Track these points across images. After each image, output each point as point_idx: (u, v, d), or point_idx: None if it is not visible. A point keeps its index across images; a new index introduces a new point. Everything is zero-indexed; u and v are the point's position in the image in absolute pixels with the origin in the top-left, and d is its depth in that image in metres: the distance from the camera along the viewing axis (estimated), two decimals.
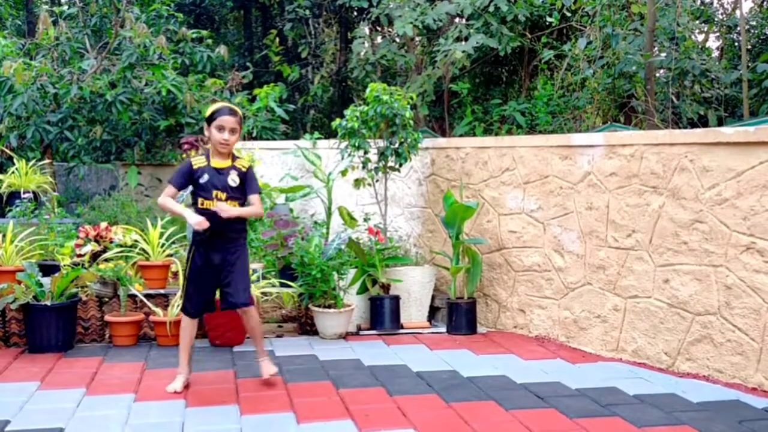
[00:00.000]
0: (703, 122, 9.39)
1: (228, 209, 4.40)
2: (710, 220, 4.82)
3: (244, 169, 4.57)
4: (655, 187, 5.16)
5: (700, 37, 11.60)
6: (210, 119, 4.48)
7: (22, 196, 7.18)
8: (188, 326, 4.66)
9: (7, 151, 8.15)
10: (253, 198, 4.55)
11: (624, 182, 5.39)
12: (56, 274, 5.65)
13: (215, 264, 4.54)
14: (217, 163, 4.52)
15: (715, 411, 4.19)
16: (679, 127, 8.88)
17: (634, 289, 5.33)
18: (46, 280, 5.65)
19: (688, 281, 4.96)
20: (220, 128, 4.46)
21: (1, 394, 4.43)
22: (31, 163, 7.54)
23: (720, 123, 9.31)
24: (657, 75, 9.40)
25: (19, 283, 5.62)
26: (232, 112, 4.49)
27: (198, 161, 4.52)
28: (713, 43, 12.48)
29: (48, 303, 5.51)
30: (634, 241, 5.32)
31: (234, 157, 4.59)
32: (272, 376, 4.68)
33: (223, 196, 4.46)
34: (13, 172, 7.39)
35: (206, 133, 4.56)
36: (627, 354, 5.39)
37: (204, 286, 4.61)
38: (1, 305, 5.52)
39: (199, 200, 4.48)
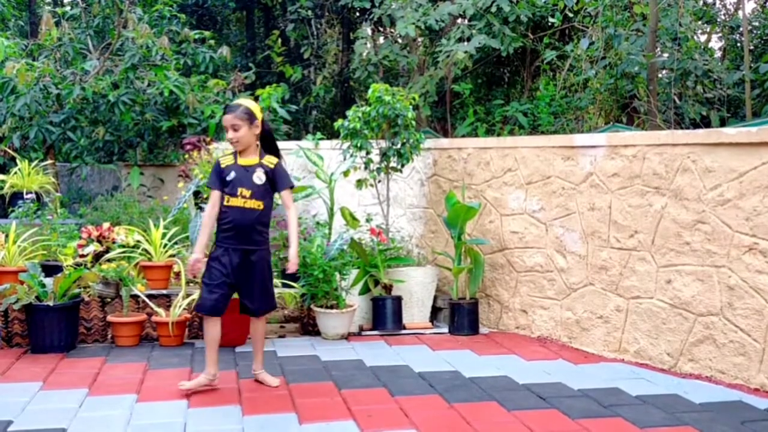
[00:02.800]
0: (705, 123, 9.37)
1: (294, 261, 4.48)
2: (713, 220, 4.81)
3: (271, 166, 4.57)
4: (658, 187, 5.16)
5: (703, 38, 11.57)
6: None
7: (25, 196, 7.19)
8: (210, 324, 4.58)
9: (10, 151, 8.17)
10: (284, 194, 4.56)
11: (626, 183, 5.38)
12: (59, 275, 5.66)
13: (235, 265, 4.49)
14: (244, 161, 4.54)
15: (718, 412, 4.19)
16: (682, 128, 8.86)
17: (636, 290, 5.33)
18: (48, 281, 5.66)
19: (691, 282, 4.95)
20: (225, 129, 4.52)
21: (3, 395, 4.44)
22: (33, 164, 7.55)
23: (722, 124, 9.30)
24: (659, 75, 9.38)
25: (22, 283, 5.62)
26: (230, 109, 4.48)
27: (226, 159, 4.56)
28: (716, 43, 12.46)
29: (50, 303, 5.51)
30: (637, 241, 5.32)
31: (262, 155, 4.59)
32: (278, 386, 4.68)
33: (248, 193, 4.48)
34: (15, 173, 7.40)
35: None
36: (629, 355, 5.38)
37: (221, 284, 4.51)
38: (4, 306, 5.53)
39: (225, 198, 4.48)
